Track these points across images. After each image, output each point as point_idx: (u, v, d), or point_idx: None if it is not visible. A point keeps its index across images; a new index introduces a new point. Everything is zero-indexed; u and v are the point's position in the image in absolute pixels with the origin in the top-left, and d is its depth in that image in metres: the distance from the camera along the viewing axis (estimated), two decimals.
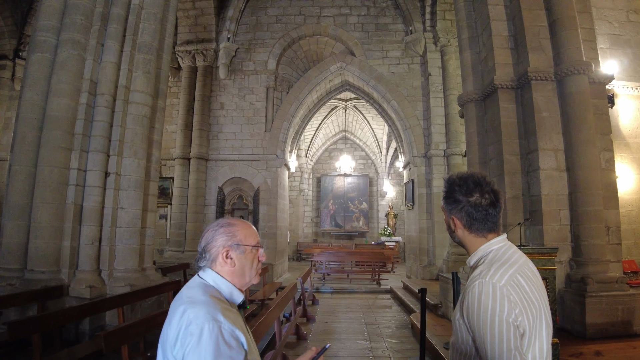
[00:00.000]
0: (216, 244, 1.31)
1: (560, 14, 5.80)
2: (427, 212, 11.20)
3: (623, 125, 6.79)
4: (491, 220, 1.32)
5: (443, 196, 1.41)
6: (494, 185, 1.35)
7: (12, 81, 11.94)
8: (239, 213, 12.22)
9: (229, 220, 1.38)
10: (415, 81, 11.97)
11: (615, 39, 7.18)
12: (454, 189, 1.36)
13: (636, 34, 7.24)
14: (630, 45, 7.17)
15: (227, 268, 1.31)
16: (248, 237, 1.36)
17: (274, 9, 12.64)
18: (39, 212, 5.34)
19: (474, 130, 6.60)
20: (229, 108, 12.25)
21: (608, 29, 7.21)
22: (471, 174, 1.35)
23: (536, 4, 6.08)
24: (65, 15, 5.84)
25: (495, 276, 1.20)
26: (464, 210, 1.33)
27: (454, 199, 1.35)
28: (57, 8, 5.84)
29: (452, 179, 1.38)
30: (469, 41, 6.94)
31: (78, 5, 5.85)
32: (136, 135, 6.18)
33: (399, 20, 12.38)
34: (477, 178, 1.33)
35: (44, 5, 5.86)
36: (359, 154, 22.17)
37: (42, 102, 5.60)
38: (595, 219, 5.29)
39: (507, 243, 1.35)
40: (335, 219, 21.01)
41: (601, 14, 7.22)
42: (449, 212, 1.39)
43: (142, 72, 6.40)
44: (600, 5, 7.25)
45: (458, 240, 1.40)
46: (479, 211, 1.32)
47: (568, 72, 5.58)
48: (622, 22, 7.27)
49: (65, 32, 5.76)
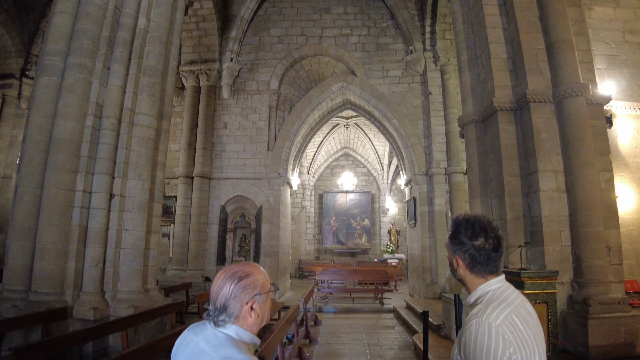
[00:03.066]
0: (239, 300, 1.26)
1: (557, 36, 5.90)
2: (429, 230, 11.20)
3: (622, 145, 6.85)
4: (493, 263, 1.39)
5: (449, 235, 1.47)
6: (499, 230, 1.41)
7: (18, 99, 12.17)
8: (241, 231, 12.26)
9: (244, 269, 1.31)
10: (416, 100, 12.12)
11: (612, 59, 7.29)
12: (460, 230, 1.42)
13: (633, 54, 7.35)
14: (627, 65, 7.27)
15: (251, 320, 1.28)
16: (266, 283, 1.32)
17: (276, 29, 12.91)
18: (44, 234, 5.39)
19: (474, 151, 6.66)
20: (232, 127, 12.40)
21: (605, 49, 7.34)
22: (478, 218, 1.41)
23: (533, 27, 6.19)
24: (73, 39, 5.97)
25: (491, 315, 1.26)
26: (468, 253, 1.40)
27: (459, 240, 1.42)
28: (64, 32, 5.98)
29: (459, 220, 1.44)
30: (468, 63, 7.05)
31: (85, 30, 5.99)
32: (141, 158, 6.27)
33: (399, 40, 12.60)
34: (483, 223, 1.40)
35: (52, 30, 5.99)
36: (360, 170, 22.27)
37: (48, 124, 5.69)
38: (596, 240, 5.30)
39: (505, 284, 1.41)
40: (337, 235, 20.99)
41: (598, 35, 7.36)
42: (453, 251, 1.44)
43: (147, 95, 6.52)
44: (596, 27, 7.39)
45: (459, 278, 1.46)
46: (482, 255, 1.38)
47: (566, 94, 5.65)
48: (618, 42, 7.39)
49: (72, 56, 5.89)
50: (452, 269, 1.48)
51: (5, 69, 12.10)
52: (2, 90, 12.03)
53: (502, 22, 6.53)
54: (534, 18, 6.19)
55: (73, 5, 6.07)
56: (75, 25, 6.02)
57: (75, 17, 6.04)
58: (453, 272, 1.49)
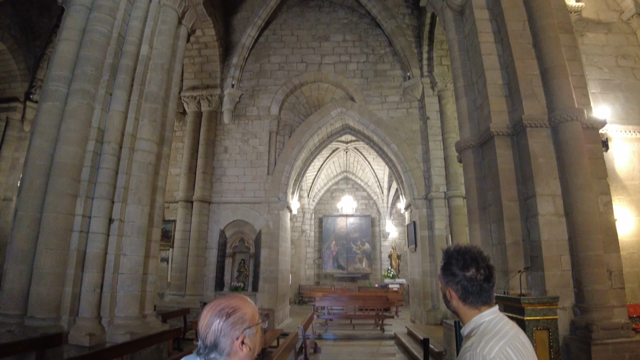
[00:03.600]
0: (229, 337, 1.24)
1: (551, 62, 6.02)
2: (429, 255, 11.13)
3: (619, 168, 6.90)
4: (485, 294, 1.40)
5: (441, 266, 1.49)
6: (490, 260, 1.42)
7: (21, 122, 12.36)
8: (240, 256, 12.17)
9: (231, 304, 1.29)
10: (414, 125, 12.25)
11: (606, 83, 7.44)
12: (452, 261, 1.43)
13: (626, 78, 7.50)
14: (621, 89, 7.41)
15: (242, 354, 1.26)
16: (254, 315, 1.31)
17: (276, 57, 13.20)
18: (42, 258, 5.37)
19: (473, 176, 6.70)
20: (233, 152, 12.51)
21: (598, 74, 7.49)
22: (469, 249, 1.43)
23: (528, 54, 6.33)
24: (77, 66, 6.11)
25: (485, 348, 1.26)
26: (460, 284, 1.41)
27: (451, 272, 1.43)
28: (69, 59, 6.12)
29: (450, 252, 1.45)
30: (465, 89, 7.17)
31: (89, 57, 6.14)
32: (141, 182, 6.31)
33: (397, 66, 12.85)
34: (474, 254, 1.41)
35: (57, 57, 6.14)
36: (360, 194, 22.29)
37: (50, 149, 5.76)
38: (597, 264, 5.26)
39: (499, 315, 1.41)
40: (337, 260, 20.81)
41: (591, 60, 7.52)
42: (446, 283, 1.45)
43: (148, 121, 6.62)
44: (589, 52, 7.57)
45: (453, 310, 1.47)
46: (474, 286, 1.39)
47: (561, 119, 5.72)
48: (611, 67, 7.55)
49: (76, 82, 6.01)
50: (446, 300, 1.49)
51: (10, 92, 12.33)
52: (6, 113, 12.23)
53: (497, 49, 6.68)
54: (528, 45, 6.34)
55: (78, 33, 6.24)
56: (79, 52, 6.17)
57: (80, 44, 6.20)
58: (446, 303, 1.49)
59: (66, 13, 6.51)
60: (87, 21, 6.33)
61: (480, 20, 6.85)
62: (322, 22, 13.57)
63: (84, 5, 6.39)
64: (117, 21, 6.56)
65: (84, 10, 6.37)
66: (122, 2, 6.66)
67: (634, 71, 7.55)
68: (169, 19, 7.25)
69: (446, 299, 1.47)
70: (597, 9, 7.96)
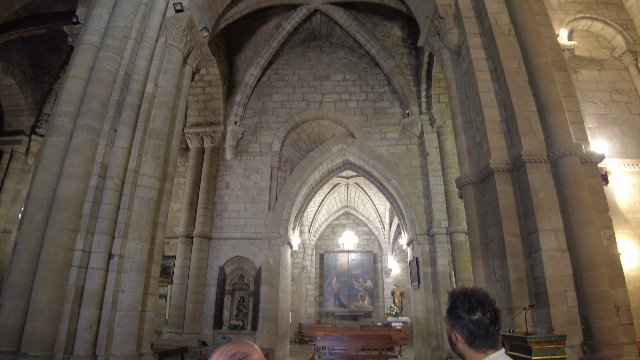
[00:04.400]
0: None
1: (547, 99, 6.15)
2: (433, 292, 10.92)
3: (620, 202, 6.90)
4: (492, 337, 1.38)
5: (446, 309, 1.47)
6: (496, 303, 1.41)
7: (25, 155, 12.55)
8: (239, 293, 11.96)
9: (241, 350, 1.29)
10: (414, 160, 12.36)
11: (602, 118, 7.56)
12: (457, 304, 1.42)
13: (621, 112, 7.63)
14: (617, 123, 7.52)
15: None
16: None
17: (279, 95, 13.54)
18: (39, 293, 5.26)
19: (474, 212, 6.70)
20: (234, 187, 12.57)
21: (594, 109, 7.63)
22: (474, 292, 1.42)
23: (524, 91, 6.48)
24: (83, 102, 6.25)
25: None
26: (466, 327, 1.39)
27: (457, 315, 1.42)
28: (76, 96, 6.27)
29: (456, 294, 1.45)
30: (463, 126, 7.29)
31: (96, 94, 6.30)
32: (142, 218, 6.31)
33: (395, 104, 13.13)
34: (480, 296, 1.40)
35: (64, 93, 6.30)
36: (361, 229, 22.15)
37: (53, 183, 5.78)
38: (603, 300, 5.16)
39: (506, 359, 1.39)
40: (339, 297, 20.38)
41: (586, 96, 7.69)
42: (452, 326, 1.44)
43: (151, 157, 6.70)
44: (584, 88, 7.75)
45: (459, 353, 1.44)
46: (480, 329, 1.38)
47: (560, 154, 5.78)
48: (606, 102, 7.71)
49: (81, 118, 6.13)
50: (451, 343, 1.47)
51: (17, 125, 12.61)
52: (11, 145, 12.44)
53: (494, 87, 6.84)
54: (524, 83, 6.51)
55: (86, 71, 6.44)
56: (87, 89, 6.33)
57: (87, 81, 6.38)
58: (452, 346, 1.47)
59: (75, 51, 6.75)
60: (95, 59, 6.55)
61: (477, 59, 7.06)
62: (323, 62, 14.02)
63: (93, 44, 6.63)
64: (124, 60, 6.77)
65: (92, 49, 6.61)
66: (129, 41, 6.91)
67: (629, 105, 7.70)
68: (175, 59, 7.48)
69: (452, 341, 1.45)
70: (589, 46, 8.23)
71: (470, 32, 7.30)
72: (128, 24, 6.96)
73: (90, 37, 6.70)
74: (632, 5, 8.38)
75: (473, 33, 7.29)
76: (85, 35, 6.75)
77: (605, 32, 8.34)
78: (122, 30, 6.83)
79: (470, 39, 7.23)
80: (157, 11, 7.46)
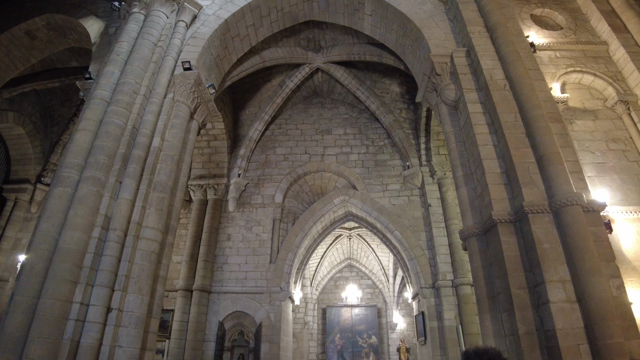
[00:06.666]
0: None
1: (545, 150, 6.25)
2: (440, 348, 10.49)
3: (626, 250, 6.79)
4: None
5: None
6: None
7: (29, 204, 12.61)
8: (239, 350, 11.49)
9: None
10: (416, 212, 12.37)
11: (600, 166, 7.63)
12: None
13: (619, 160, 7.70)
14: (615, 171, 7.57)
15: None
16: None
17: (281, 148, 13.86)
18: (32, 347, 5.06)
19: (479, 264, 6.59)
20: (236, 239, 12.49)
21: (592, 158, 7.72)
22: (486, 351, 1.41)
23: (522, 143, 6.59)
24: (91, 154, 6.41)
25: None
26: None
27: None
28: (84, 148, 6.46)
29: (469, 353, 1.43)
30: (464, 178, 7.33)
31: (103, 146, 6.48)
32: (143, 271, 6.23)
33: (396, 156, 13.37)
34: (492, 355, 1.39)
35: (73, 145, 6.48)
36: (365, 282, 21.64)
37: (56, 233, 5.79)
38: (619, 353, 4.91)
39: None
40: (342, 355, 19.51)
41: (583, 146, 7.81)
42: None
43: (155, 209, 6.73)
44: (580, 138, 7.89)
45: None
46: None
47: (561, 204, 5.77)
48: (603, 151, 7.81)
49: (88, 169, 6.27)
50: None
51: (23, 174, 12.79)
52: (16, 194, 12.53)
53: (493, 139, 6.97)
54: (521, 135, 6.65)
55: (95, 124, 6.67)
56: (94, 142, 6.52)
57: (95, 134, 6.58)
58: None
59: (86, 105, 7.02)
60: (104, 113, 6.82)
61: (474, 113, 7.26)
62: (325, 117, 14.48)
63: (103, 99, 6.92)
64: (132, 114, 7.03)
65: (102, 104, 6.88)
66: (138, 97, 7.20)
67: (626, 153, 7.80)
68: (182, 114, 7.75)
69: None
70: (582, 98, 8.48)
71: (467, 87, 7.56)
72: (138, 80, 7.29)
73: (101, 92, 7.00)
74: (619, 58, 8.73)
75: (469, 88, 7.55)
76: (97, 90, 7.06)
77: (596, 84, 8.63)
78: (132, 86, 7.15)
79: (467, 94, 7.48)
80: (166, 69, 7.84)
